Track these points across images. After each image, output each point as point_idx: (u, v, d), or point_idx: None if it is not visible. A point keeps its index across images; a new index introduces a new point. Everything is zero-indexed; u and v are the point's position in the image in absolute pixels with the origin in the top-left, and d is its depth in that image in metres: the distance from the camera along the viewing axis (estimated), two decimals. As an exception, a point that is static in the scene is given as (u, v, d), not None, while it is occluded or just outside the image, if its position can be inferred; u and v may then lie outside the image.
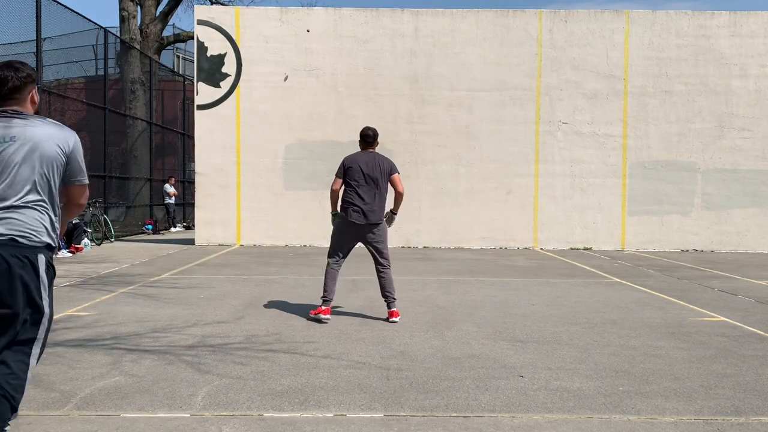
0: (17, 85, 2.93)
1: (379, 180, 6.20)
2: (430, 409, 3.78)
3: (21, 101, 2.96)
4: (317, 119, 14.66)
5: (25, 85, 2.95)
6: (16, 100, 2.94)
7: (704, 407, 3.85)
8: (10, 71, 2.92)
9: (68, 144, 2.94)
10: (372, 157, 6.30)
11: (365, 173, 6.18)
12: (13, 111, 2.91)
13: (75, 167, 2.99)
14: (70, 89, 17.58)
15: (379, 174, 6.21)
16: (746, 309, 7.18)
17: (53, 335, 5.52)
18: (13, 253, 2.81)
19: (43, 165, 2.86)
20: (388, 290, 6.30)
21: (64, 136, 2.93)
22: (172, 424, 3.50)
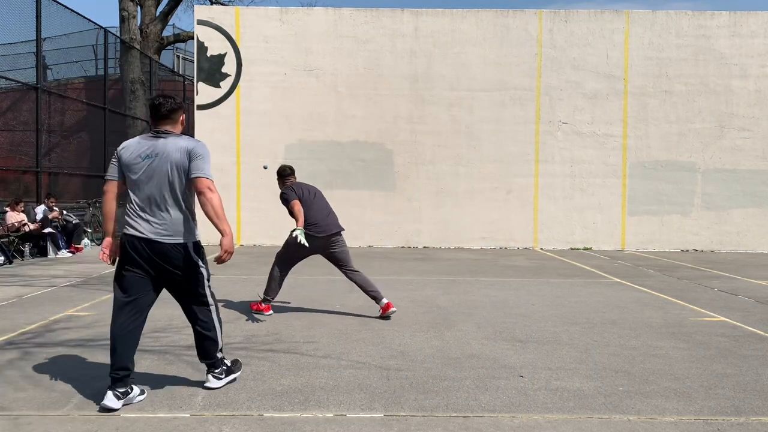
0: (171, 108, 3.92)
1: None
2: (430, 409, 3.78)
3: (173, 124, 3.95)
4: (317, 119, 14.66)
5: (176, 111, 3.95)
6: (169, 121, 3.93)
7: (704, 407, 3.85)
8: (166, 99, 3.94)
9: (192, 149, 3.84)
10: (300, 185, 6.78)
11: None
12: (164, 131, 3.89)
13: (194, 165, 3.82)
14: (70, 89, 17.57)
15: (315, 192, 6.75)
16: (746, 309, 7.18)
17: (53, 335, 5.52)
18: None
19: (176, 172, 3.83)
20: (370, 288, 6.50)
21: (186, 145, 3.84)
22: (172, 424, 3.50)
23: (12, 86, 14.52)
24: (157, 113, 3.90)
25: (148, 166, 3.79)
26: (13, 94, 16.18)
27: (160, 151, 3.79)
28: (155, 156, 3.79)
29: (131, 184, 3.85)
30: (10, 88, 15.20)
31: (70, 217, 13.15)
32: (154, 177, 3.79)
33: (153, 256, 3.83)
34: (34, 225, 11.79)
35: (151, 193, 3.82)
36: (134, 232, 3.82)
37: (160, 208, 3.83)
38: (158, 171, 3.79)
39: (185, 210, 3.93)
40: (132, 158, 3.82)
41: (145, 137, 3.90)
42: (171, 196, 3.85)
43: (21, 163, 15.57)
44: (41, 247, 11.82)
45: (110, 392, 3.69)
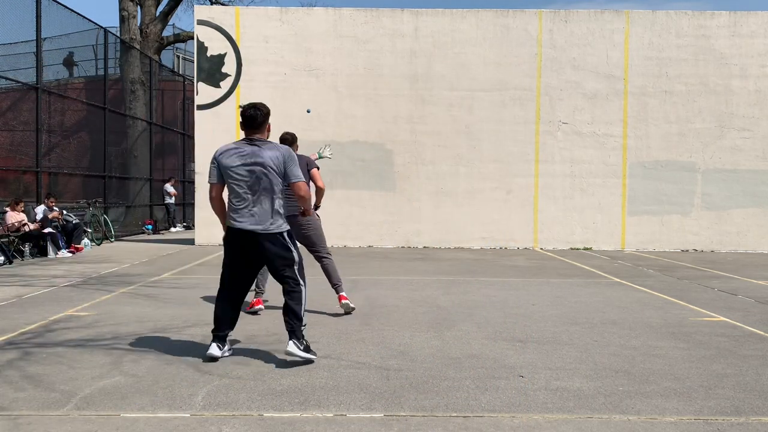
0: (262, 121, 4.63)
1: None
2: (430, 409, 3.78)
3: (262, 132, 4.65)
4: (317, 119, 14.66)
5: (265, 122, 4.67)
6: (260, 131, 4.63)
7: (704, 407, 3.85)
8: (257, 111, 4.61)
9: (285, 156, 4.57)
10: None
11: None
12: (258, 139, 4.60)
13: (288, 172, 4.59)
14: (70, 89, 17.57)
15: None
16: (746, 309, 7.18)
17: (53, 335, 5.52)
18: None
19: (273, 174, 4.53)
20: (333, 279, 6.64)
21: (280, 153, 4.55)
22: (172, 424, 3.50)
23: (12, 86, 14.52)
24: (252, 123, 4.61)
25: (248, 169, 4.51)
26: (13, 94, 16.18)
27: (257, 156, 4.52)
28: (253, 161, 4.51)
29: (232, 185, 4.58)
30: (10, 88, 15.20)
31: (70, 217, 13.15)
32: (253, 178, 4.51)
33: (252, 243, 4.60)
34: (34, 225, 11.79)
35: (252, 192, 4.55)
36: (239, 225, 4.58)
37: (261, 204, 4.56)
38: (257, 174, 4.50)
39: (276, 206, 4.61)
40: (232, 163, 4.54)
41: (240, 143, 4.60)
42: (269, 195, 4.57)
43: (21, 163, 15.57)
44: (41, 247, 11.82)
45: (213, 344, 4.69)
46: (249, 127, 4.63)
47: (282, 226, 4.63)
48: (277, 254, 4.64)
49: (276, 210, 4.59)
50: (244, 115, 4.60)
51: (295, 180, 4.59)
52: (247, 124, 4.62)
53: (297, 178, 4.60)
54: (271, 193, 4.56)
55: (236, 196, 4.58)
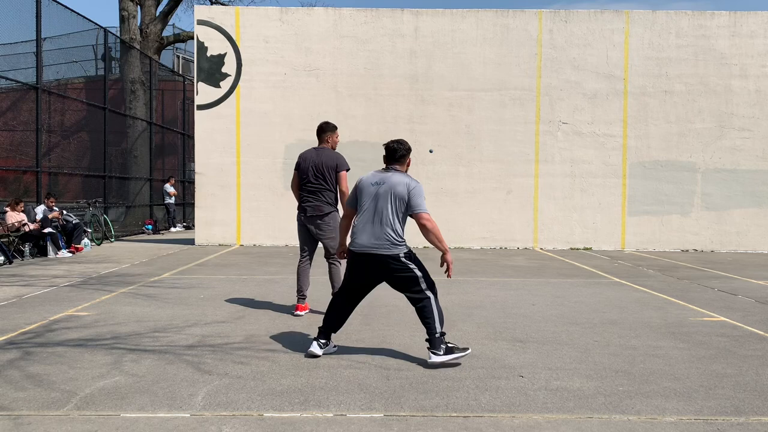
0: (403, 154, 4.97)
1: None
2: (430, 409, 3.78)
3: (401, 164, 4.98)
4: (317, 119, 14.63)
5: (405, 156, 4.99)
6: (398, 163, 4.96)
7: (704, 407, 3.85)
8: (400, 145, 4.96)
9: (410, 187, 4.83)
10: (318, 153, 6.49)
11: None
12: (393, 168, 4.94)
13: (413, 202, 4.80)
14: (70, 89, 17.57)
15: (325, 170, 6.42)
16: (746, 309, 7.18)
17: (53, 335, 5.52)
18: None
19: (396, 200, 4.80)
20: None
21: (407, 182, 4.83)
22: (172, 424, 3.50)
23: (12, 86, 14.52)
24: (392, 156, 4.97)
25: (375, 192, 4.84)
26: (13, 94, 16.18)
27: (387, 181, 4.83)
28: (382, 184, 4.84)
29: (361, 205, 4.92)
30: (10, 88, 15.20)
31: (70, 217, 13.15)
32: (379, 201, 4.82)
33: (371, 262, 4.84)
34: (33, 225, 11.79)
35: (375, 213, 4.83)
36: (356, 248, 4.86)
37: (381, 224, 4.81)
38: (382, 197, 4.81)
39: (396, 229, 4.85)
40: (365, 185, 4.92)
41: (378, 171, 4.98)
42: (388, 218, 4.81)
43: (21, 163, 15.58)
44: (41, 247, 11.82)
45: (315, 342, 4.90)
46: (389, 160, 4.97)
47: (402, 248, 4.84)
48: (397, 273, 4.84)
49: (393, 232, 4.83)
50: (386, 148, 4.97)
51: (417, 211, 4.80)
52: (387, 156, 4.98)
53: (419, 209, 4.81)
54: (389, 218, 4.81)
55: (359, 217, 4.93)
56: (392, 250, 4.77)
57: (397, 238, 4.79)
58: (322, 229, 6.41)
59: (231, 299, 7.40)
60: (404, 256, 4.82)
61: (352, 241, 4.88)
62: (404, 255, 4.83)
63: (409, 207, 4.81)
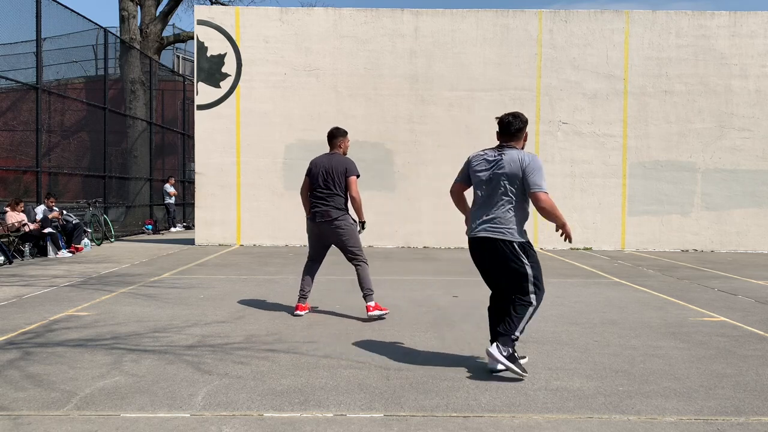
0: (519, 128, 4.50)
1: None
2: (430, 409, 3.78)
3: (517, 140, 4.50)
4: (317, 119, 14.66)
5: (521, 130, 4.52)
6: (514, 138, 4.50)
7: (704, 407, 3.85)
8: (514, 118, 4.51)
9: (524, 162, 4.35)
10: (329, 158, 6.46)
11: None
12: (508, 146, 4.47)
13: (529, 180, 4.34)
14: (70, 89, 17.57)
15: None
16: (746, 309, 7.18)
17: (53, 335, 5.52)
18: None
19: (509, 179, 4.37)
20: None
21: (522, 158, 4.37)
22: (172, 424, 3.50)
23: (12, 86, 14.52)
24: (506, 130, 4.53)
25: (491, 172, 4.44)
26: (13, 94, 16.18)
27: (501, 161, 4.42)
28: (495, 165, 4.44)
29: (475, 186, 4.57)
30: (10, 88, 15.20)
31: (70, 217, 13.16)
32: (492, 182, 4.44)
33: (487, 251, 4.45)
34: (33, 225, 11.79)
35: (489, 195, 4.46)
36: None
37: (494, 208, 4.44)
38: (494, 178, 4.42)
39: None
40: (476, 165, 4.56)
41: (492, 149, 4.58)
42: (504, 200, 4.42)
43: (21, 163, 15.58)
44: (41, 247, 11.82)
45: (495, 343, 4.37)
46: (503, 134, 4.55)
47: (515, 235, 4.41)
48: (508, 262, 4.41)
49: (512, 218, 4.42)
50: (500, 122, 4.56)
51: (534, 190, 4.34)
52: (502, 131, 4.56)
53: (537, 188, 4.34)
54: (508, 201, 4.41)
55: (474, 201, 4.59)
56: (506, 237, 4.39)
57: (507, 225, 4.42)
58: (337, 233, 6.31)
59: (231, 299, 7.40)
60: (518, 246, 4.42)
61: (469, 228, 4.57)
62: (518, 244, 4.42)
63: (526, 184, 4.37)
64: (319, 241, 6.46)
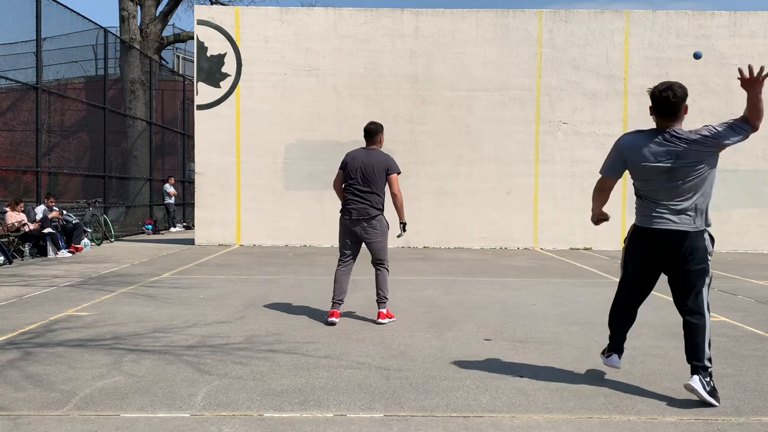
0: (675, 102, 3.58)
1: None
2: (430, 409, 3.77)
3: (677, 119, 3.67)
4: (317, 119, 14.66)
5: (680, 103, 3.60)
6: (675, 118, 3.67)
7: (704, 407, 3.85)
8: (671, 92, 3.58)
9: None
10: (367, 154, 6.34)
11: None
12: (673, 131, 3.68)
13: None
14: (70, 89, 17.58)
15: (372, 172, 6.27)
16: (746, 309, 7.18)
17: (53, 335, 5.52)
18: None
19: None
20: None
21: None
22: (172, 424, 3.50)
23: (12, 86, 14.52)
24: (667, 109, 3.76)
25: (672, 164, 3.98)
26: (13, 94, 16.18)
27: (680, 152, 3.89)
28: (676, 157, 3.92)
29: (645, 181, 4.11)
30: (10, 88, 15.20)
31: (70, 217, 13.16)
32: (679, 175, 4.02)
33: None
34: (33, 225, 11.79)
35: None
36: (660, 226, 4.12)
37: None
38: (679, 171, 4.04)
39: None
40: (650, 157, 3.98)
41: (657, 137, 3.93)
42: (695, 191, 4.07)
43: (21, 163, 15.58)
44: (41, 247, 11.82)
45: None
46: (663, 114, 3.80)
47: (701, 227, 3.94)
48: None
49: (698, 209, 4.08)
50: (655, 98, 3.79)
51: None
52: (660, 109, 3.80)
53: None
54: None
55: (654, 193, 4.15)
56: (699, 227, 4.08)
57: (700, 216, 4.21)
58: (368, 233, 6.13)
59: (231, 299, 7.40)
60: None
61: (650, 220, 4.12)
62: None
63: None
64: (355, 238, 6.18)
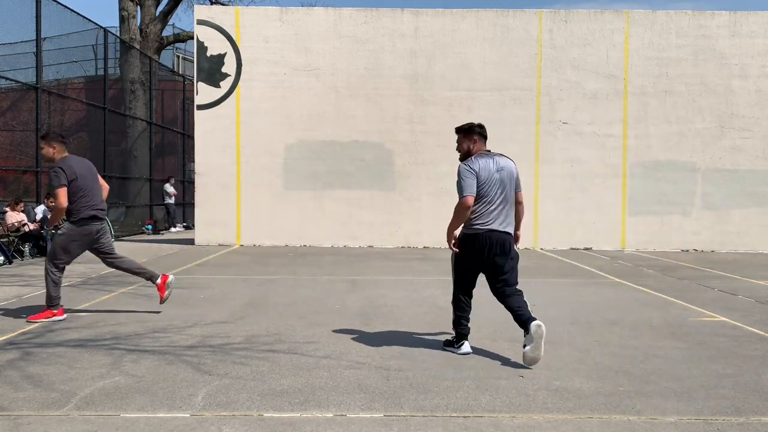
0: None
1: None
2: (430, 409, 3.77)
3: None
4: (317, 119, 14.66)
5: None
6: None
7: (704, 407, 3.85)
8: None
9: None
10: None
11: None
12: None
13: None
14: (70, 89, 17.57)
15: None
16: (746, 309, 7.18)
17: (53, 335, 5.52)
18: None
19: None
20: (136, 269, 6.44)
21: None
22: (172, 424, 3.50)
23: (12, 86, 14.52)
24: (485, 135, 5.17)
25: (499, 178, 4.99)
26: (13, 94, 16.18)
27: (504, 166, 5.01)
28: (502, 170, 4.99)
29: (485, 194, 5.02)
30: (10, 88, 15.20)
31: (70, 217, 13.13)
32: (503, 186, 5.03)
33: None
34: (33, 225, 11.79)
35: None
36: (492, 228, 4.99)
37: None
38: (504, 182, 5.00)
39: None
40: (486, 174, 4.99)
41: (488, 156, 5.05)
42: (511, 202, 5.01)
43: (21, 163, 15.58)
44: (41, 247, 11.82)
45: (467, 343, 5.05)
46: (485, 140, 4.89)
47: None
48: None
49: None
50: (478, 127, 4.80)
51: (520, 190, 5.29)
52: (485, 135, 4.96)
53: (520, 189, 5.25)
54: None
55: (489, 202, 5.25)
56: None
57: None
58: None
59: (231, 299, 7.40)
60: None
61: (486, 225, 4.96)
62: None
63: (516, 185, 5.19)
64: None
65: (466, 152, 5.35)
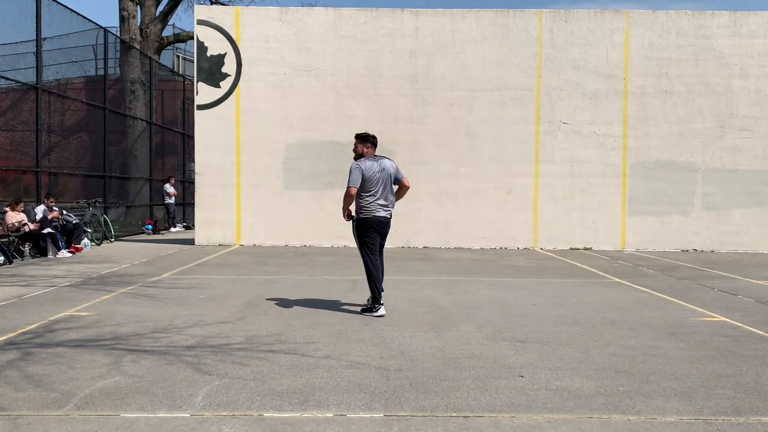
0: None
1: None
2: (430, 409, 3.78)
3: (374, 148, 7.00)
4: (317, 119, 14.66)
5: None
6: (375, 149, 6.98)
7: (704, 407, 3.85)
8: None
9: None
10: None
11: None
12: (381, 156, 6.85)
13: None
14: (70, 89, 17.57)
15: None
16: (746, 309, 7.18)
17: (53, 335, 5.52)
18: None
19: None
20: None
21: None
22: (172, 424, 3.50)
23: (12, 86, 14.52)
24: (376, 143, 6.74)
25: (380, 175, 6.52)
26: (13, 94, 16.18)
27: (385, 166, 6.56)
28: (383, 170, 6.53)
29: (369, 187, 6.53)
30: (10, 88, 15.19)
31: (70, 217, 13.15)
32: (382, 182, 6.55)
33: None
34: (33, 225, 11.79)
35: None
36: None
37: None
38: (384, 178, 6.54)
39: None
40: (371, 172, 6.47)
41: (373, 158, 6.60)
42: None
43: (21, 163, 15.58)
44: (41, 247, 11.82)
45: (382, 307, 6.55)
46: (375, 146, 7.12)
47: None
48: None
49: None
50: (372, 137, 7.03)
51: (403, 177, 7.00)
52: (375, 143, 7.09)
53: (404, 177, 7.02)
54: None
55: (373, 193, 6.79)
56: None
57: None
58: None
59: (231, 299, 7.40)
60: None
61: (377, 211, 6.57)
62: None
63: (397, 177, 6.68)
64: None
65: (360, 154, 6.74)
